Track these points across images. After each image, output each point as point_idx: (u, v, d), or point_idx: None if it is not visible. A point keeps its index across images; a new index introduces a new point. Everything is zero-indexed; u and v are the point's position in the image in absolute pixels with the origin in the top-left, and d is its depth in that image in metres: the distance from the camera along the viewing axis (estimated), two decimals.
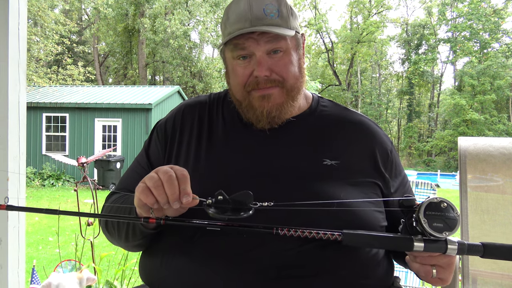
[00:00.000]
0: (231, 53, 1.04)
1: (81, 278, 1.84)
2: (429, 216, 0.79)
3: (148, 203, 0.84)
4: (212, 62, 27.57)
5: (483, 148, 1.68)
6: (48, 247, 5.82)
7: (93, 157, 3.55)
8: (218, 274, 0.90)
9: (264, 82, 1.01)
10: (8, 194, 1.64)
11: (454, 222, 0.79)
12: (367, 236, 0.84)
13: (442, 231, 0.78)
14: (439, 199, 0.81)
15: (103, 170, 12.49)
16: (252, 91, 1.03)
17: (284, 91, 1.03)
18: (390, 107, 36.67)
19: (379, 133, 1.13)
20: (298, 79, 1.05)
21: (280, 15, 1.00)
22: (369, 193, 1.02)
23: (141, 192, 0.84)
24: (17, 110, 1.72)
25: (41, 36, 20.64)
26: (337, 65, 38.21)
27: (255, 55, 1.01)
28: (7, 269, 1.67)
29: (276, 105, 1.03)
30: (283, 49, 1.02)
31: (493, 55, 28.98)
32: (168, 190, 0.82)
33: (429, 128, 35.78)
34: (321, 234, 0.81)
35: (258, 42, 0.99)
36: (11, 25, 1.68)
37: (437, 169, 25.60)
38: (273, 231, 0.82)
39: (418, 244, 0.80)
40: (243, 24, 0.99)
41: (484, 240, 0.85)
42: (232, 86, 1.08)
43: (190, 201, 0.83)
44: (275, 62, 1.01)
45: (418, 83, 34.88)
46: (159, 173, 0.84)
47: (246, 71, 1.02)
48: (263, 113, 1.02)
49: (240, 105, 1.07)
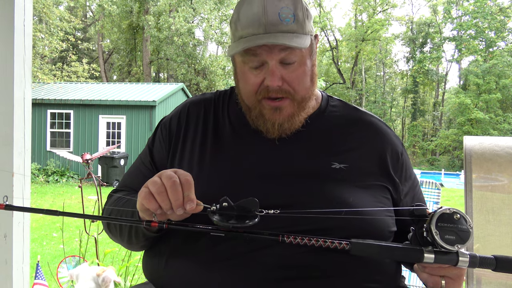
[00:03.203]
0: (242, 58, 0.98)
1: (100, 275, 1.85)
2: (441, 228, 0.76)
3: (151, 209, 0.82)
4: (216, 60, 27.54)
5: (489, 148, 1.67)
6: (52, 242, 5.85)
7: (98, 154, 3.57)
8: (221, 275, 0.88)
9: (275, 92, 0.96)
10: (13, 191, 1.65)
11: (466, 235, 0.76)
12: (375, 246, 0.81)
13: (454, 243, 0.76)
14: (452, 210, 0.78)
15: (107, 166, 12.53)
16: (262, 100, 0.99)
17: (294, 103, 0.99)
18: (395, 105, 36.55)
19: (389, 135, 1.10)
20: (309, 89, 1.01)
21: (296, 20, 0.94)
22: (379, 197, 0.99)
23: (144, 197, 0.83)
24: (22, 106, 1.72)
25: (46, 33, 20.68)
26: (342, 63, 38.10)
27: (268, 63, 0.95)
28: (12, 265, 1.68)
29: (288, 117, 0.99)
30: (298, 59, 0.96)
31: (499, 54, 28.81)
32: (171, 197, 0.80)
33: (433, 127, 35.67)
34: (328, 243, 0.79)
35: (271, 50, 0.94)
36: (17, 22, 1.68)
37: (441, 168, 25.52)
38: (279, 239, 0.80)
39: (428, 256, 0.78)
40: (256, 29, 0.93)
41: (488, 239, 0.83)
42: (242, 91, 1.03)
43: (194, 208, 0.81)
44: (288, 72, 0.96)
45: (423, 81, 34.75)
46: (163, 178, 0.82)
47: (257, 80, 0.97)
48: (274, 125, 0.99)
49: (249, 111, 1.02)
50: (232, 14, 1.02)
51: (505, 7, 29.87)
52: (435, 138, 31.88)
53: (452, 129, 30.32)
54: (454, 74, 66.44)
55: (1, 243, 1.66)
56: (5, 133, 1.67)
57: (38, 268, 2.44)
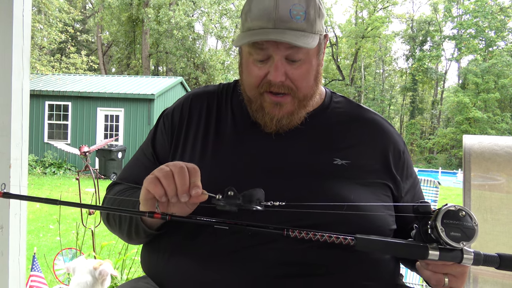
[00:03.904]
0: (248, 49, 0.98)
1: (96, 268, 1.84)
2: (446, 225, 0.76)
3: (156, 194, 0.82)
4: (216, 54, 27.47)
5: (488, 147, 1.67)
6: (48, 234, 5.85)
7: (95, 146, 3.56)
8: (222, 272, 0.88)
9: (277, 87, 0.96)
10: (10, 181, 1.64)
11: (472, 232, 0.76)
12: (380, 242, 0.81)
13: (459, 240, 0.76)
14: (457, 207, 0.78)
15: (105, 159, 12.51)
16: (264, 93, 0.99)
17: (295, 101, 0.99)
18: (393, 103, 36.55)
19: (392, 133, 1.09)
20: (312, 88, 1.01)
21: (307, 18, 0.93)
22: (380, 195, 0.99)
23: (150, 182, 0.82)
24: (20, 97, 1.71)
25: (45, 24, 20.58)
26: (341, 60, 38.05)
27: (273, 58, 0.95)
28: (8, 256, 1.67)
29: (287, 114, 0.99)
30: (303, 57, 0.96)
31: (498, 54, 28.82)
32: (178, 181, 0.80)
33: (431, 125, 35.71)
34: (333, 238, 0.79)
35: (278, 46, 0.93)
36: (16, 12, 1.66)
37: (438, 167, 25.58)
38: (284, 233, 0.79)
39: (433, 253, 0.77)
40: (265, 23, 0.93)
41: (485, 238, 0.83)
42: (245, 82, 1.03)
43: (200, 194, 0.81)
44: (292, 69, 0.96)
45: (422, 79, 34.74)
46: (170, 165, 0.83)
47: (261, 73, 0.97)
48: (272, 120, 0.99)
49: (250, 103, 1.03)
50: (244, 4, 1.01)
51: (506, 7, 29.84)
52: (433, 137, 31.93)
53: (450, 127, 30.35)
54: (453, 73, 66.38)
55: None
56: (2, 124, 1.66)
57: (35, 260, 2.44)
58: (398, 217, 1.01)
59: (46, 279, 2.51)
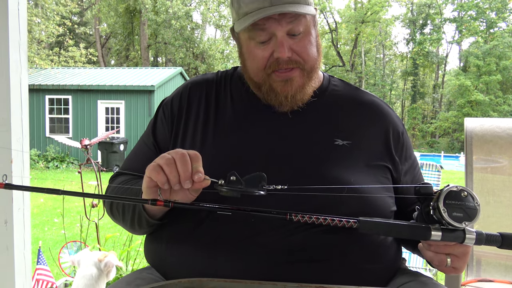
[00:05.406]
0: (248, 34, 0.99)
1: (101, 260, 1.85)
2: (448, 205, 0.77)
3: (159, 181, 0.82)
4: (215, 43, 27.30)
5: (490, 129, 1.66)
6: (53, 228, 5.89)
7: (97, 139, 3.56)
8: (225, 259, 0.88)
9: (286, 63, 0.97)
10: (12, 176, 1.64)
11: (474, 212, 0.77)
12: (383, 224, 0.81)
13: (461, 221, 0.76)
14: (459, 188, 0.78)
15: (107, 152, 12.54)
16: (272, 74, 0.99)
17: (304, 73, 1.00)
18: (394, 88, 36.40)
19: (391, 115, 1.10)
20: (317, 59, 1.02)
21: None
22: (379, 177, 1.00)
23: (152, 169, 0.82)
24: (19, 91, 1.70)
25: (42, 17, 20.45)
26: (341, 45, 37.78)
27: (276, 36, 0.96)
28: (13, 250, 1.68)
29: (299, 88, 1.00)
30: (304, 30, 0.98)
31: (500, 35, 28.57)
32: (180, 168, 0.80)
33: (433, 109, 35.60)
34: (336, 221, 0.79)
35: (279, 22, 0.94)
36: (11, 5, 1.65)
37: (440, 151, 25.57)
38: (287, 217, 0.80)
39: (435, 233, 0.78)
40: (262, 3, 0.93)
41: (488, 221, 0.84)
42: (250, 69, 1.03)
43: (202, 179, 0.81)
44: (295, 43, 0.97)
45: (423, 63, 34.54)
46: (171, 152, 0.83)
47: (266, 53, 0.98)
48: (287, 98, 0.99)
49: (259, 88, 1.02)
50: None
51: None
52: (435, 121, 31.85)
53: (452, 111, 30.26)
54: (454, 56, 66.14)
55: (2, 229, 1.67)
56: (2, 119, 1.66)
57: (40, 254, 2.46)
58: (398, 199, 1.02)
59: (52, 272, 2.53)
